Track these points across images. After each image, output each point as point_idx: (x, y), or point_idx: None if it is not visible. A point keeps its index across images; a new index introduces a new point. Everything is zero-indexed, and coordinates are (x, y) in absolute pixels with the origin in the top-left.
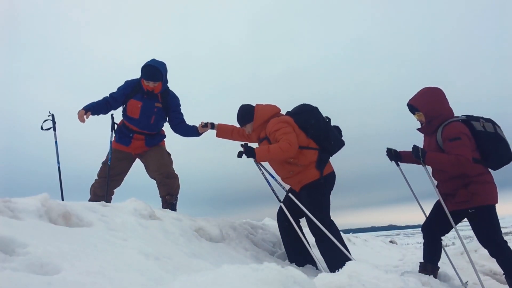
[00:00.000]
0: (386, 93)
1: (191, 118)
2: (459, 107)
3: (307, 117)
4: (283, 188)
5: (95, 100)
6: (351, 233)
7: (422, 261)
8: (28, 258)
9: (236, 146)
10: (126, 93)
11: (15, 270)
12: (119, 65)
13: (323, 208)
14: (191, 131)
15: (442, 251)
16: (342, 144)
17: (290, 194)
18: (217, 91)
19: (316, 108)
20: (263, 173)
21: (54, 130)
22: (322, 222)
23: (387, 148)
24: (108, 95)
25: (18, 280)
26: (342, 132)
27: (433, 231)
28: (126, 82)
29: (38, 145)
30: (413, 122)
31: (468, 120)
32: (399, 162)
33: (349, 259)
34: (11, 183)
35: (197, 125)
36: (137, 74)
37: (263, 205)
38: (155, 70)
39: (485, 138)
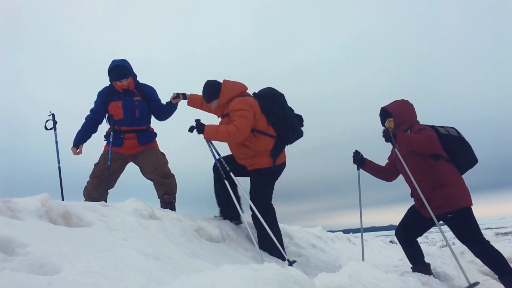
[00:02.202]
0: (388, 92)
1: (192, 116)
2: (460, 108)
3: (271, 104)
4: (227, 168)
5: (83, 121)
6: (351, 233)
7: (411, 265)
8: (28, 258)
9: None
10: (103, 100)
11: (15, 270)
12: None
13: (265, 194)
14: (170, 108)
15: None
16: (300, 135)
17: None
18: None
19: (282, 95)
20: (211, 151)
21: (55, 130)
22: (261, 206)
23: (356, 150)
24: (89, 112)
25: (18, 280)
26: (303, 122)
27: (407, 235)
28: (98, 93)
29: (38, 144)
30: None
31: (433, 126)
32: (361, 168)
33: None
34: (11, 183)
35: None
36: (138, 71)
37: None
38: (122, 68)
39: (450, 140)
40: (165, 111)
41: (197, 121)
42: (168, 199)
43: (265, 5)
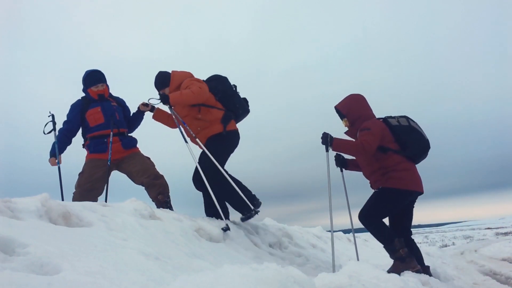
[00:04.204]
0: (389, 91)
1: None
2: (460, 108)
3: (217, 84)
4: (192, 133)
5: (56, 135)
6: (351, 233)
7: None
8: (28, 258)
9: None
10: (79, 110)
11: (15, 270)
12: (121, 60)
13: (220, 157)
14: (138, 117)
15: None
16: (247, 110)
17: (203, 147)
18: None
19: (226, 77)
20: (177, 121)
21: (54, 130)
22: (211, 170)
23: (337, 154)
24: (63, 124)
25: (18, 280)
26: (249, 103)
27: (398, 233)
28: (72, 105)
29: (38, 144)
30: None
31: (385, 118)
32: (344, 169)
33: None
34: (11, 182)
35: (138, 106)
36: (138, 70)
37: (263, 205)
38: (98, 74)
39: (400, 130)
40: (134, 121)
41: (162, 94)
42: (162, 199)
43: (267, 4)
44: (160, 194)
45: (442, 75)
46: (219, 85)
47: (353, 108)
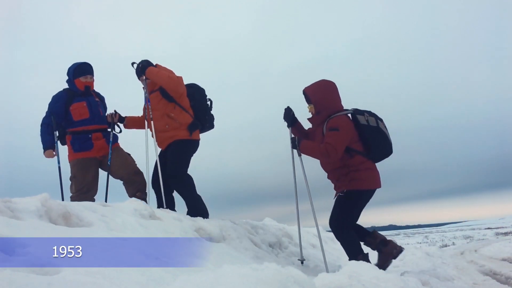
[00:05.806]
0: (390, 90)
1: None
2: (461, 108)
3: (194, 91)
4: (151, 116)
5: (41, 130)
6: None
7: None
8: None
9: (235, 143)
10: (64, 102)
11: (15, 270)
12: (122, 59)
13: (182, 162)
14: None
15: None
16: (212, 127)
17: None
18: (220, 88)
19: (203, 89)
20: (145, 92)
21: (55, 130)
22: (179, 174)
23: (288, 107)
24: (45, 117)
25: (18, 280)
26: (214, 121)
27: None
28: (54, 97)
29: (38, 143)
30: (413, 122)
31: (354, 113)
32: (291, 127)
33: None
34: (11, 182)
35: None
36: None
37: (263, 205)
38: (88, 66)
39: (367, 131)
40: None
41: (142, 62)
42: (140, 196)
43: (267, 4)
44: (138, 191)
45: (442, 75)
46: (197, 94)
47: (323, 98)
